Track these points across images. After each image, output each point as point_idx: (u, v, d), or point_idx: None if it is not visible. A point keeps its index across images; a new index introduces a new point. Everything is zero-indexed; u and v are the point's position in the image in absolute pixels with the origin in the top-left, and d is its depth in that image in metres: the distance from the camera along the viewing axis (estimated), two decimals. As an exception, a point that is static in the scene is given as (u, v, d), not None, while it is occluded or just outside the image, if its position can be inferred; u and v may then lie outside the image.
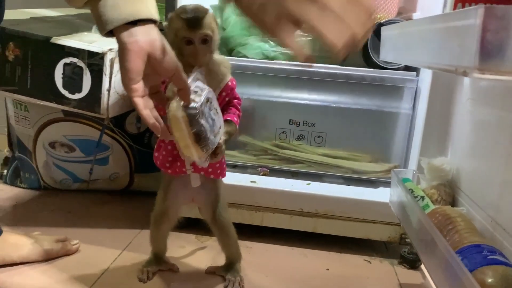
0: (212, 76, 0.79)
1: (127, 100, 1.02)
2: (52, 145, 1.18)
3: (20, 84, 1.02)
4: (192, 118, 0.67)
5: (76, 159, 1.19)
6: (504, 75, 0.45)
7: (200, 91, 0.70)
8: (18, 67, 1.01)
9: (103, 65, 0.97)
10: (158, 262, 0.93)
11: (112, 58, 0.97)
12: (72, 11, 1.33)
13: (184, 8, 0.77)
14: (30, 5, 1.39)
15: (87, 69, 0.97)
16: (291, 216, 1.04)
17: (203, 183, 0.85)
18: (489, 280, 0.59)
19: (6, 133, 1.38)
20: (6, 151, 1.36)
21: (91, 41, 0.99)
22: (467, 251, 0.65)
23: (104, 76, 0.97)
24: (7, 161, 1.31)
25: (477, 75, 0.45)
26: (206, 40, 0.76)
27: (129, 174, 1.23)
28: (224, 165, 0.85)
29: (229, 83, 0.81)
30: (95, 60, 0.97)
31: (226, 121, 0.79)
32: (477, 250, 0.64)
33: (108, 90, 0.98)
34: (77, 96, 0.99)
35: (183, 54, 0.76)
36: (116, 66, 0.98)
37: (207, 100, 0.70)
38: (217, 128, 0.73)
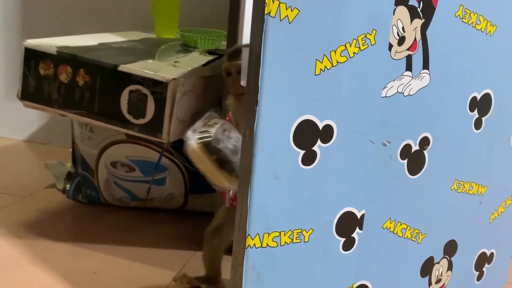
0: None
1: (186, 126, 1.06)
2: (114, 164, 1.24)
3: (88, 108, 1.08)
4: (209, 145, 0.72)
5: (135, 178, 1.24)
6: None
7: (214, 124, 0.75)
8: (87, 92, 1.08)
9: (166, 93, 1.01)
10: (209, 283, 0.95)
11: (173, 86, 1.01)
12: (135, 36, 1.39)
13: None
14: (94, 30, 1.47)
15: (151, 96, 1.02)
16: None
17: None
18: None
19: (71, 149, 1.47)
20: (69, 166, 1.44)
21: (156, 70, 1.03)
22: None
23: (166, 103, 1.01)
24: (70, 176, 1.38)
25: None
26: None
27: (184, 194, 1.27)
28: None
29: None
30: (159, 89, 1.01)
31: None
32: None
33: (170, 117, 1.02)
34: (141, 121, 1.03)
35: (227, 86, 0.81)
36: (178, 95, 1.02)
37: (224, 130, 0.75)
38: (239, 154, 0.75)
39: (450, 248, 0.88)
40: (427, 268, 0.86)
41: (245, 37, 1.01)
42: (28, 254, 1.06)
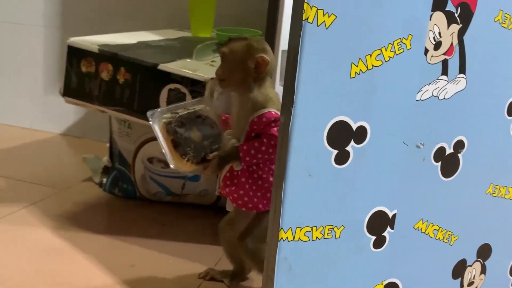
0: (246, 103, 0.85)
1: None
2: (150, 160, 1.27)
3: (127, 105, 1.11)
4: (168, 125, 0.79)
5: (170, 174, 1.27)
6: None
7: (192, 109, 0.82)
8: (127, 90, 1.11)
9: (204, 92, 1.03)
10: (233, 278, 0.98)
11: (211, 86, 1.04)
12: (171, 34, 1.42)
13: None
14: (131, 27, 1.50)
15: (189, 95, 1.05)
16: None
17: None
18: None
19: (106, 142, 1.51)
20: (105, 160, 1.48)
21: (195, 69, 1.06)
22: None
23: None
24: (107, 170, 1.43)
25: None
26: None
27: (217, 191, 1.30)
28: (246, 198, 0.87)
29: (264, 116, 0.84)
30: (197, 88, 1.04)
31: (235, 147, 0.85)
32: None
33: (207, 115, 1.04)
34: (179, 119, 1.06)
35: None
36: (215, 94, 1.04)
37: (198, 116, 0.81)
38: (207, 141, 0.83)
39: (484, 252, 0.88)
40: (459, 270, 0.86)
41: (283, 39, 1.03)
42: (68, 245, 1.10)
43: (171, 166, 0.81)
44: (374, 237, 0.75)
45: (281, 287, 0.69)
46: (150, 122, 0.81)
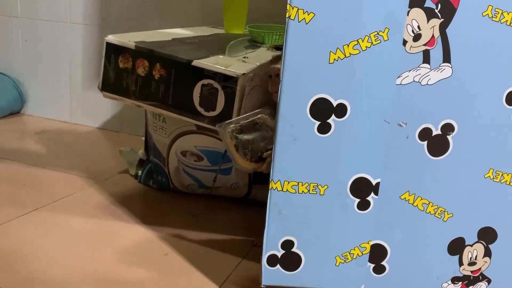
0: None
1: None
2: (184, 153, 1.31)
3: (162, 100, 1.15)
4: (231, 133, 0.96)
5: (203, 167, 1.30)
6: None
7: (251, 119, 0.98)
8: (162, 85, 1.15)
9: (236, 87, 1.06)
10: None
11: (243, 81, 1.06)
12: (205, 31, 1.46)
13: None
14: (166, 24, 1.55)
15: (221, 90, 1.07)
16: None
17: None
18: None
19: (141, 136, 1.56)
20: (140, 153, 1.53)
21: (227, 65, 1.08)
22: None
23: (236, 97, 1.07)
24: (142, 163, 1.48)
25: None
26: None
27: (248, 184, 1.32)
28: None
29: None
30: (229, 83, 1.07)
31: None
32: None
33: (239, 110, 1.07)
34: (211, 114, 1.09)
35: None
36: (247, 89, 1.07)
37: (255, 123, 0.97)
38: (263, 143, 0.96)
39: (487, 235, 0.91)
40: (456, 247, 0.90)
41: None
42: (105, 234, 1.15)
43: (235, 166, 0.98)
44: (358, 200, 0.87)
45: (272, 227, 0.86)
46: (219, 130, 0.98)
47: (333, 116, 0.82)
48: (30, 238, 1.11)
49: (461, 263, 0.91)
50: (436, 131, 0.84)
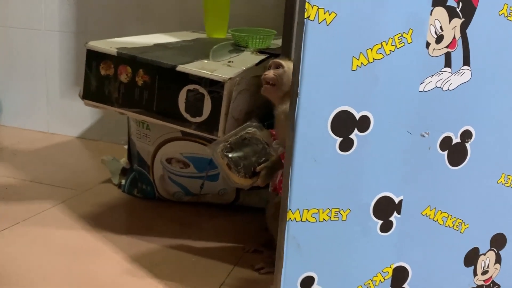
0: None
1: (240, 124, 1.09)
2: (169, 160, 1.28)
3: (146, 106, 1.12)
4: (222, 152, 0.95)
5: (189, 174, 1.28)
6: None
7: (240, 135, 0.97)
8: (146, 92, 1.12)
9: (223, 92, 1.04)
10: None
11: (229, 86, 1.05)
12: (187, 36, 1.44)
13: None
14: (145, 30, 1.52)
15: (208, 95, 1.06)
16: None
17: None
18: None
19: (123, 144, 1.53)
20: (122, 161, 1.50)
21: (212, 69, 1.07)
22: None
23: (223, 102, 1.05)
24: (125, 171, 1.44)
25: None
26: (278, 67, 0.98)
27: (236, 190, 1.31)
28: None
29: None
30: (216, 88, 1.05)
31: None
32: None
33: (226, 115, 1.06)
34: (198, 119, 1.07)
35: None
36: (234, 93, 1.05)
37: (244, 138, 0.97)
38: (254, 157, 0.96)
39: (498, 241, 0.89)
40: (471, 258, 0.87)
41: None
42: (90, 246, 1.11)
43: (231, 184, 0.98)
44: (380, 221, 0.79)
45: (290, 264, 0.75)
46: (212, 153, 0.98)
47: (355, 131, 0.72)
48: (12, 253, 1.06)
49: (475, 274, 0.88)
50: (456, 139, 0.80)
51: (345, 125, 0.72)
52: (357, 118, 0.72)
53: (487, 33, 0.77)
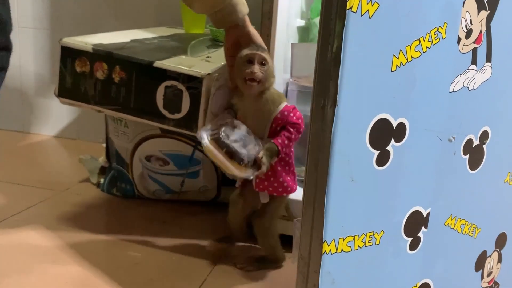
0: (265, 102, 0.96)
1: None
2: (148, 158, 1.27)
3: (124, 104, 1.10)
4: (219, 140, 0.87)
5: (169, 172, 1.27)
6: None
7: (225, 123, 0.92)
8: (123, 88, 1.10)
9: (201, 88, 1.03)
10: (230, 240, 1.09)
11: (208, 81, 1.03)
12: (164, 32, 1.42)
13: None
14: (121, 26, 1.50)
15: (186, 91, 1.04)
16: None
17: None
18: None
19: (101, 143, 1.50)
20: (101, 160, 1.47)
21: (190, 65, 1.05)
22: None
23: (201, 98, 1.04)
24: (104, 170, 1.42)
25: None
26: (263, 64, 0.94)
27: (217, 187, 1.30)
28: (285, 184, 0.99)
29: (284, 109, 0.96)
30: (194, 84, 1.03)
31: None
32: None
33: (205, 111, 1.04)
34: (176, 116, 1.06)
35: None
36: (213, 89, 1.04)
37: (234, 126, 0.91)
38: (251, 145, 0.91)
39: (501, 241, 0.87)
40: (480, 262, 0.85)
41: (278, 34, 1.04)
42: (69, 247, 1.09)
43: (234, 174, 0.89)
44: (410, 239, 0.72)
45: None
46: (204, 144, 0.88)
47: (392, 141, 0.64)
48: (-12, 256, 1.04)
49: (482, 277, 0.86)
50: (476, 142, 0.75)
51: (382, 135, 0.62)
52: (394, 126, 0.63)
53: (507, 27, 0.72)
